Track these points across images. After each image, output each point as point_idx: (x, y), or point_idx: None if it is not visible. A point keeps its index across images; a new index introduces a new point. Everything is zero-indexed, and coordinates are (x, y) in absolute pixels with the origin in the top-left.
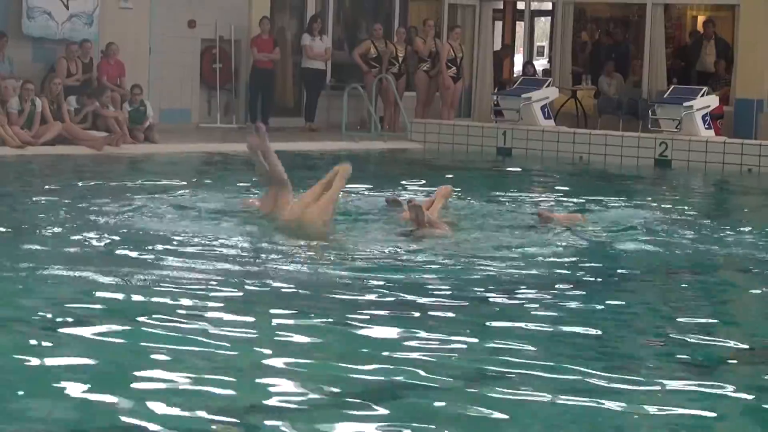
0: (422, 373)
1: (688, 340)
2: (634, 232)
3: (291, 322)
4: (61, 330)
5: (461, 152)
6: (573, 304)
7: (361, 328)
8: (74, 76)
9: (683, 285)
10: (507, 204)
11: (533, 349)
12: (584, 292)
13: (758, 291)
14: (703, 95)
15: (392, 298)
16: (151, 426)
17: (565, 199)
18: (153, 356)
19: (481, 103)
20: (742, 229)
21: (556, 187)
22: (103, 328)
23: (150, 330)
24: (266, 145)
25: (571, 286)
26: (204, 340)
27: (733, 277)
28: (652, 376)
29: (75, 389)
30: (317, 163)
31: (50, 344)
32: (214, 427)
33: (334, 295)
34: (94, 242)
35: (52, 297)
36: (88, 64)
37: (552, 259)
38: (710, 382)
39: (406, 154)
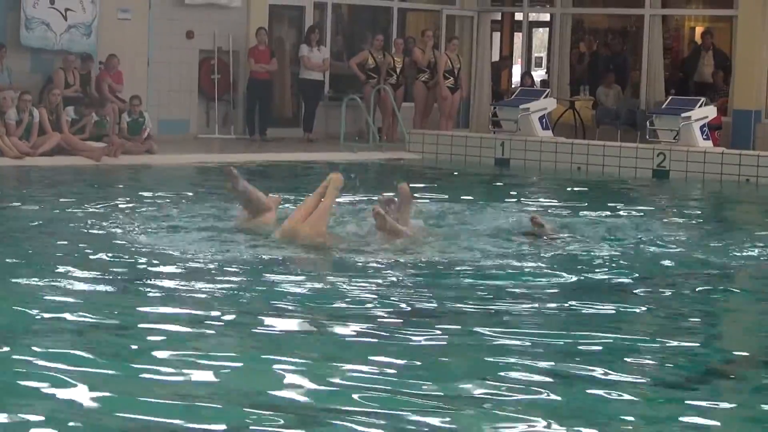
0: (418, 384)
1: (683, 348)
2: (631, 242)
3: (285, 334)
4: (55, 340)
5: (459, 163)
6: (567, 314)
7: (353, 338)
8: (72, 87)
9: (679, 295)
10: (503, 214)
11: (528, 358)
12: (580, 301)
13: (755, 300)
14: (701, 106)
15: (387, 307)
16: None
17: (562, 208)
18: (150, 366)
19: (479, 113)
20: (739, 239)
21: (553, 198)
22: (96, 340)
23: (145, 340)
24: (242, 186)
25: (566, 295)
26: (198, 351)
27: (730, 287)
28: (647, 384)
29: (67, 400)
30: (315, 173)
31: (43, 354)
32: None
33: (329, 307)
34: (90, 254)
35: (47, 306)
36: (86, 75)
37: (547, 268)
38: (705, 389)
39: (404, 165)
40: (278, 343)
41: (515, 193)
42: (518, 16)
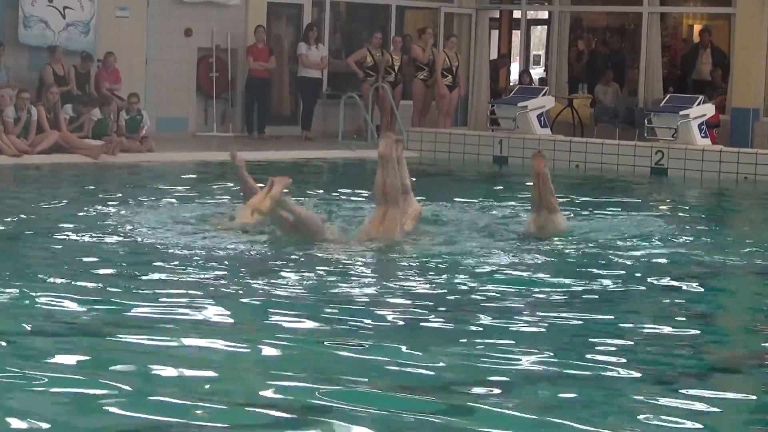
0: (416, 385)
1: (681, 347)
2: (629, 241)
3: (279, 335)
4: (52, 339)
5: (457, 161)
6: (565, 314)
7: (345, 341)
8: (67, 84)
9: (677, 293)
10: (501, 213)
11: (525, 357)
12: (577, 302)
13: (754, 299)
14: (699, 104)
15: (382, 308)
16: None
17: (560, 206)
18: (147, 367)
19: (478, 111)
20: (737, 237)
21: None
22: (93, 339)
23: (143, 341)
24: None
25: (564, 295)
26: (195, 351)
27: (729, 286)
28: (642, 385)
29: (65, 399)
30: (314, 171)
31: (43, 353)
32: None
33: (326, 308)
34: (88, 252)
35: (45, 306)
36: (85, 74)
37: (544, 268)
38: (704, 388)
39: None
40: (274, 343)
41: (513, 191)
42: (516, 14)
